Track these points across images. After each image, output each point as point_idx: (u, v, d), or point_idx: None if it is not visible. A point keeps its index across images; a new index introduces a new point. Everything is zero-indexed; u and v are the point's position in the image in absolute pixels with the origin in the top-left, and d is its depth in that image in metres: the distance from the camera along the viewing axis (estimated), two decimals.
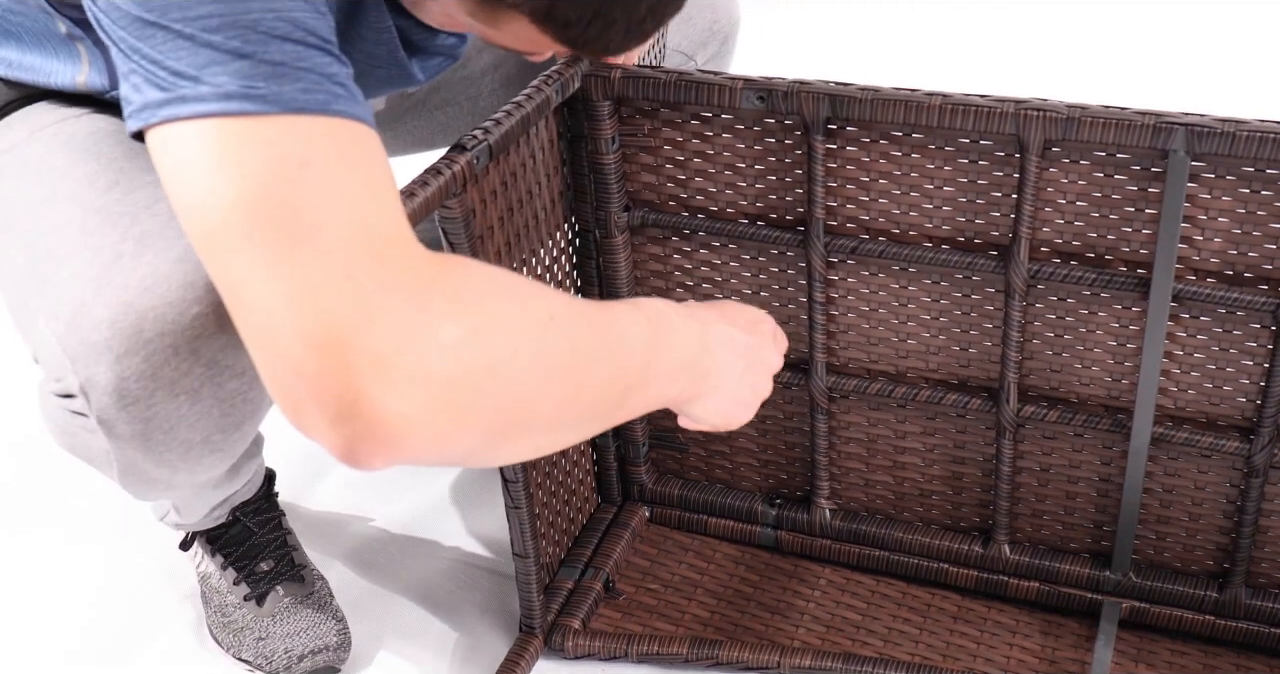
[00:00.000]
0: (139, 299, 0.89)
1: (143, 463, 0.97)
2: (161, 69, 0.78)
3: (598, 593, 1.26)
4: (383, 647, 1.26)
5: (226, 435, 0.97)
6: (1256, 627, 1.19)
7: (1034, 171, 1.05)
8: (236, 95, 0.75)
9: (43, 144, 1.01)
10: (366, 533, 1.40)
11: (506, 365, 0.75)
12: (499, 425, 0.76)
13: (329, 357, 0.70)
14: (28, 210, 0.98)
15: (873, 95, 1.06)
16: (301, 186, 0.72)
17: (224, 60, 0.76)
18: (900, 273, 1.15)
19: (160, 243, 0.91)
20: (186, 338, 0.90)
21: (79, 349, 0.90)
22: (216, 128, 0.75)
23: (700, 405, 0.95)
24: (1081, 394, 1.16)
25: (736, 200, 1.17)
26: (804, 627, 1.24)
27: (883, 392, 1.21)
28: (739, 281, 1.21)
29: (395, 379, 0.70)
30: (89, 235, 0.93)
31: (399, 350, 0.71)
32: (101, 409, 0.92)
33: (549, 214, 1.16)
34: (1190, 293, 1.07)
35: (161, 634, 1.28)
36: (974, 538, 1.26)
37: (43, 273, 0.94)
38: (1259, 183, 1.02)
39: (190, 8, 0.77)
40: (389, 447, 0.72)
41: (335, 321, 0.70)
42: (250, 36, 0.76)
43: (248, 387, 0.95)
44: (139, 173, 0.97)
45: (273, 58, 0.76)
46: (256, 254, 0.72)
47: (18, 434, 1.54)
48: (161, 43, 0.78)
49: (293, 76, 0.76)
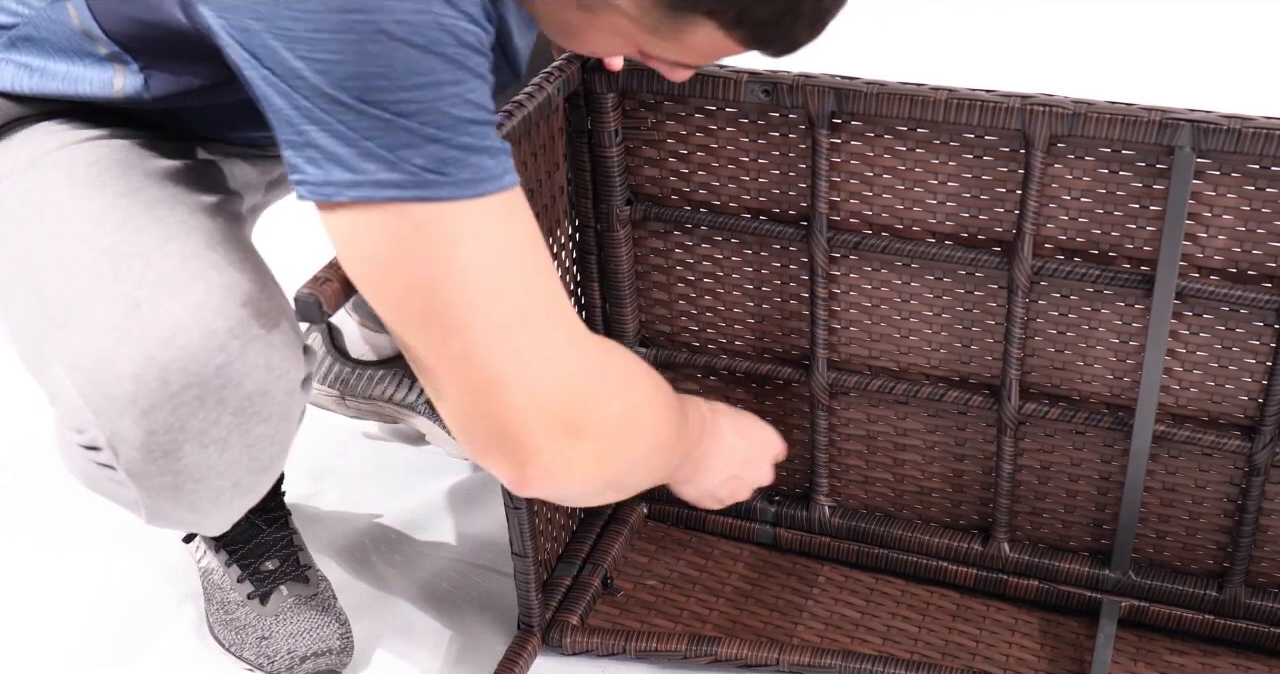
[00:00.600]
0: (161, 351, 0.88)
1: (174, 511, 0.96)
2: (348, 146, 0.80)
3: (596, 589, 1.26)
4: (381, 645, 1.26)
5: (256, 478, 0.97)
6: (1256, 626, 1.18)
7: (1039, 167, 1.05)
8: (431, 182, 0.81)
9: (43, 173, 0.99)
10: (365, 532, 1.39)
11: (642, 435, 0.96)
12: (618, 477, 0.96)
13: (534, 415, 0.87)
14: (32, 248, 0.96)
15: (878, 89, 1.05)
16: (515, 280, 0.85)
17: (419, 144, 0.80)
18: (903, 268, 1.15)
19: (176, 288, 0.90)
20: (213, 388, 0.90)
21: (102, 403, 0.89)
22: (421, 213, 0.82)
23: (680, 486, 1.12)
24: (1083, 392, 1.16)
25: (739, 194, 1.16)
26: (803, 624, 1.24)
27: (884, 388, 1.20)
28: (741, 276, 1.21)
29: (577, 438, 0.89)
30: (101, 280, 0.91)
31: (581, 416, 0.89)
32: (130, 463, 0.91)
33: (551, 209, 1.15)
34: (1194, 290, 1.06)
35: (161, 634, 1.28)
36: (974, 536, 1.26)
37: (56, 318, 0.92)
38: (1264, 180, 1.01)
39: (390, 92, 0.79)
40: (554, 484, 0.91)
41: (549, 392, 0.87)
42: (444, 121, 0.81)
43: (274, 429, 0.94)
44: (145, 209, 0.95)
45: (461, 142, 0.81)
46: (481, 335, 0.85)
47: (17, 435, 1.53)
48: (354, 121, 0.80)
49: (476, 157, 0.82)
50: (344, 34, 0.78)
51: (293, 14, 0.79)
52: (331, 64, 0.79)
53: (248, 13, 0.80)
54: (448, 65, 0.80)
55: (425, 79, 0.80)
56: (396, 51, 0.79)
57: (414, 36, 0.79)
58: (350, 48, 0.78)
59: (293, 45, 0.79)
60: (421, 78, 0.80)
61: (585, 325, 0.92)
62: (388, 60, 0.79)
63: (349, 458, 1.48)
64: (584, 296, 1.25)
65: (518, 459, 0.89)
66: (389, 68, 0.79)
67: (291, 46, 0.79)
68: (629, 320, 1.25)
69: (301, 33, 0.79)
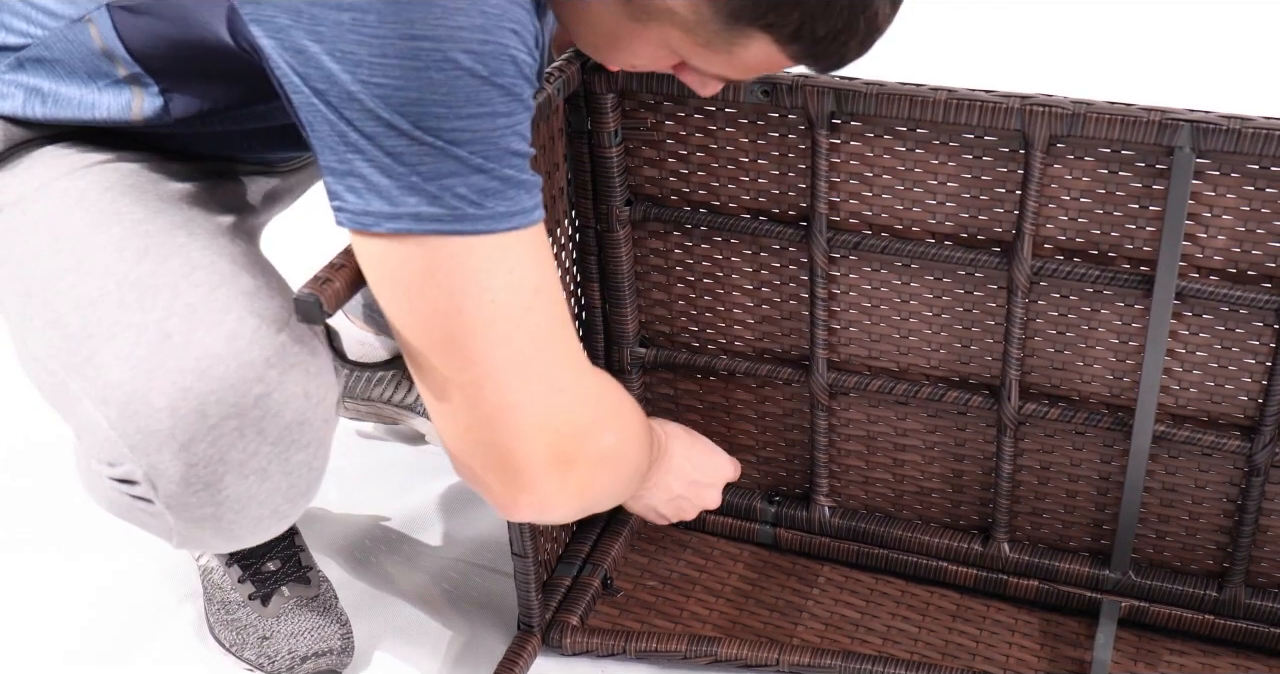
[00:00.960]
0: (198, 383, 0.88)
1: (210, 539, 0.96)
2: (391, 178, 0.81)
3: (596, 590, 1.26)
4: (382, 646, 1.26)
5: (294, 504, 0.96)
6: (1256, 626, 1.18)
7: (1038, 168, 1.05)
8: (469, 216, 0.82)
9: (54, 200, 0.98)
10: (365, 532, 1.39)
11: (623, 466, 0.99)
12: (598, 501, 0.99)
13: (537, 446, 0.89)
14: (51, 279, 0.95)
15: (877, 90, 1.05)
16: (534, 313, 0.87)
17: (465, 173, 0.81)
18: (903, 269, 1.15)
19: (208, 318, 0.89)
20: (252, 419, 0.89)
21: (137, 437, 0.89)
22: (455, 245, 0.83)
23: (627, 501, 1.15)
24: (1083, 392, 1.15)
25: (739, 195, 1.16)
26: (803, 624, 1.24)
27: (883, 388, 1.20)
28: (740, 277, 1.21)
29: (570, 468, 0.91)
30: (128, 311, 0.90)
31: (577, 448, 0.92)
32: (170, 496, 0.91)
33: (551, 210, 1.15)
34: (1193, 290, 1.06)
35: (161, 634, 1.28)
36: (973, 536, 1.26)
37: (81, 351, 0.91)
38: (1264, 180, 1.01)
39: (446, 119, 0.79)
40: (543, 510, 0.93)
41: (553, 424, 0.89)
42: (492, 151, 0.81)
43: (313, 455, 0.94)
44: (166, 236, 0.95)
45: (504, 174, 0.82)
46: (498, 366, 0.86)
47: (18, 436, 1.53)
48: (404, 147, 0.80)
49: (514, 191, 0.83)
50: (410, 60, 0.78)
51: (359, 38, 0.78)
52: (393, 89, 0.79)
53: (307, 34, 0.79)
54: (505, 97, 0.81)
55: (482, 109, 0.80)
56: (459, 81, 0.79)
57: (479, 67, 0.79)
58: (414, 74, 0.78)
59: (354, 69, 0.79)
60: (479, 108, 0.80)
61: (585, 355, 0.95)
62: (449, 89, 0.79)
63: (349, 458, 1.48)
64: (584, 297, 1.25)
65: (514, 486, 0.91)
66: (449, 96, 0.79)
67: (352, 70, 0.79)
68: (629, 320, 1.25)
69: (365, 56, 0.78)
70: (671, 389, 1.30)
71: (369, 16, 0.78)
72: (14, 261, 0.98)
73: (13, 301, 0.98)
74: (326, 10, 0.78)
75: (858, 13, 0.82)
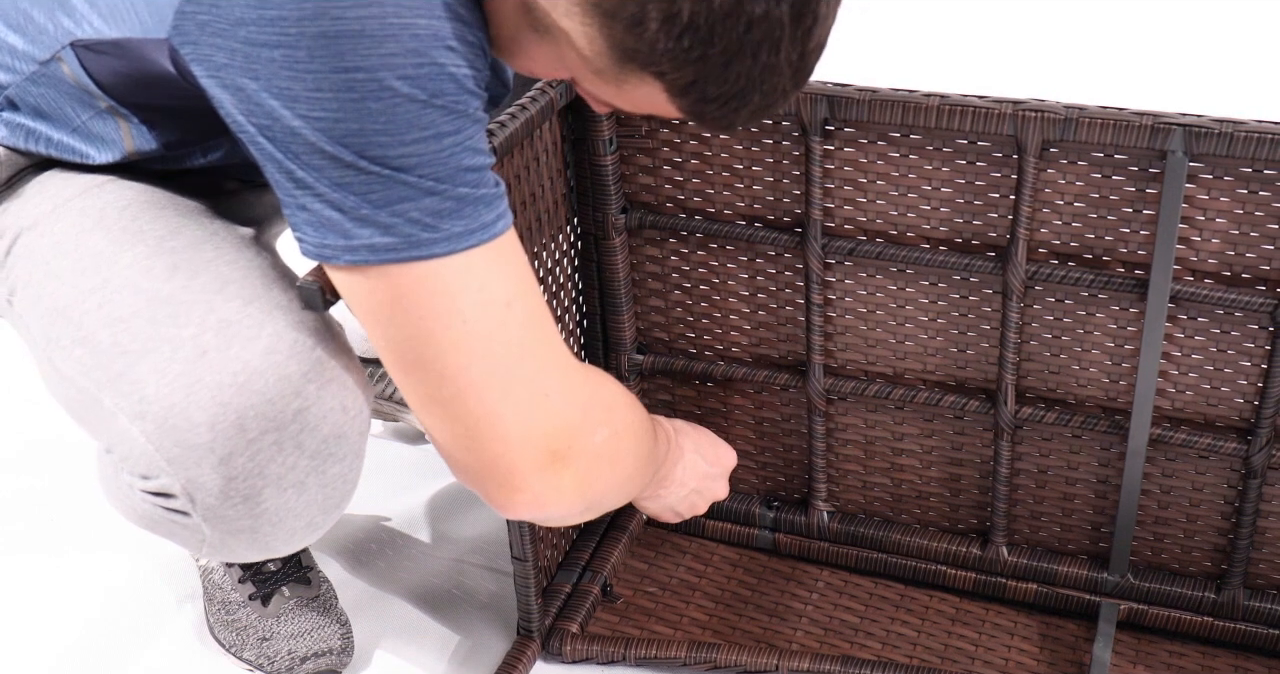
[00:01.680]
0: (236, 398, 0.88)
1: (244, 551, 0.97)
2: (341, 212, 0.81)
3: (595, 596, 1.26)
4: (381, 646, 1.26)
5: (328, 516, 0.97)
6: (1255, 628, 1.18)
7: (1032, 172, 1.05)
8: (424, 241, 0.82)
9: (71, 220, 0.98)
10: (366, 533, 1.40)
11: (621, 460, 0.98)
12: (599, 499, 0.98)
13: (524, 448, 0.89)
14: (77, 299, 0.95)
15: (870, 96, 1.06)
16: (510, 326, 0.87)
17: (416, 197, 0.81)
18: (898, 274, 1.15)
19: (243, 332, 0.90)
20: (291, 433, 0.90)
21: (176, 451, 0.89)
22: (416, 271, 0.83)
23: (643, 502, 1.15)
24: (1079, 395, 1.16)
25: (734, 202, 1.17)
26: (802, 629, 1.24)
27: (880, 393, 1.21)
28: (736, 283, 1.21)
29: (563, 466, 0.91)
30: (161, 327, 0.91)
31: (568, 446, 0.91)
32: (208, 509, 0.91)
33: (552, 216, 1.15)
34: (1188, 294, 1.07)
35: (161, 634, 1.28)
36: (972, 540, 1.26)
37: (113, 367, 0.91)
38: (1257, 183, 1.02)
39: (390, 147, 0.79)
40: (540, 509, 0.93)
41: (539, 427, 0.89)
42: (442, 172, 0.81)
43: (348, 468, 0.95)
44: (193, 252, 0.95)
45: (457, 192, 0.82)
46: (473, 381, 0.87)
47: (18, 437, 1.53)
48: (351, 177, 0.80)
49: (470, 208, 0.83)
50: (345, 92, 0.78)
51: (293, 74, 0.78)
52: (332, 122, 0.79)
53: (243, 72, 0.79)
54: (448, 116, 0.80)
55: (426, 132, 0.80)
56: (398, 107, 0.79)
57: (417, 92, 0.79)
58: (351, 106, 0.78)
59: (292, 104, 0.79)
60: (423, 131, 0.80)
61: (571, 353, 0.94)
62: (389, 116, 0.79)
63: None
64: (585, 305, 1.25)
65: (507, 487, 0.91)
66: (390, 123, 0.79)
67: (291, 106, 0.79)
68: (626, 327, 1.25)
69: (301, 92, 0.78)
70: (669, 395, 1.30)
71: (299, 52, 0.78)
72: (36, 284, 0.98)
73: (37, 323, 0.98)
74: (259, 48, 0.78)
75: (755, 85, 0.80)
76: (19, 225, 1.00)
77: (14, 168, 1.02)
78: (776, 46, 0.78)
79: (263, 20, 0.78)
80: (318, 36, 0.77)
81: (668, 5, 0.75)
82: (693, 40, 0.76)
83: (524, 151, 1.08)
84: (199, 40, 0.80)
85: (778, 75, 0.80)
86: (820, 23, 0.79)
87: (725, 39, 0.76)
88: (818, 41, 0.80)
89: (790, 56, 0.79)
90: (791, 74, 0.81)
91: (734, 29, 0.76)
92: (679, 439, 1.14)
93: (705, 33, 0.76)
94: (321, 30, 0.77)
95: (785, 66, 0.80)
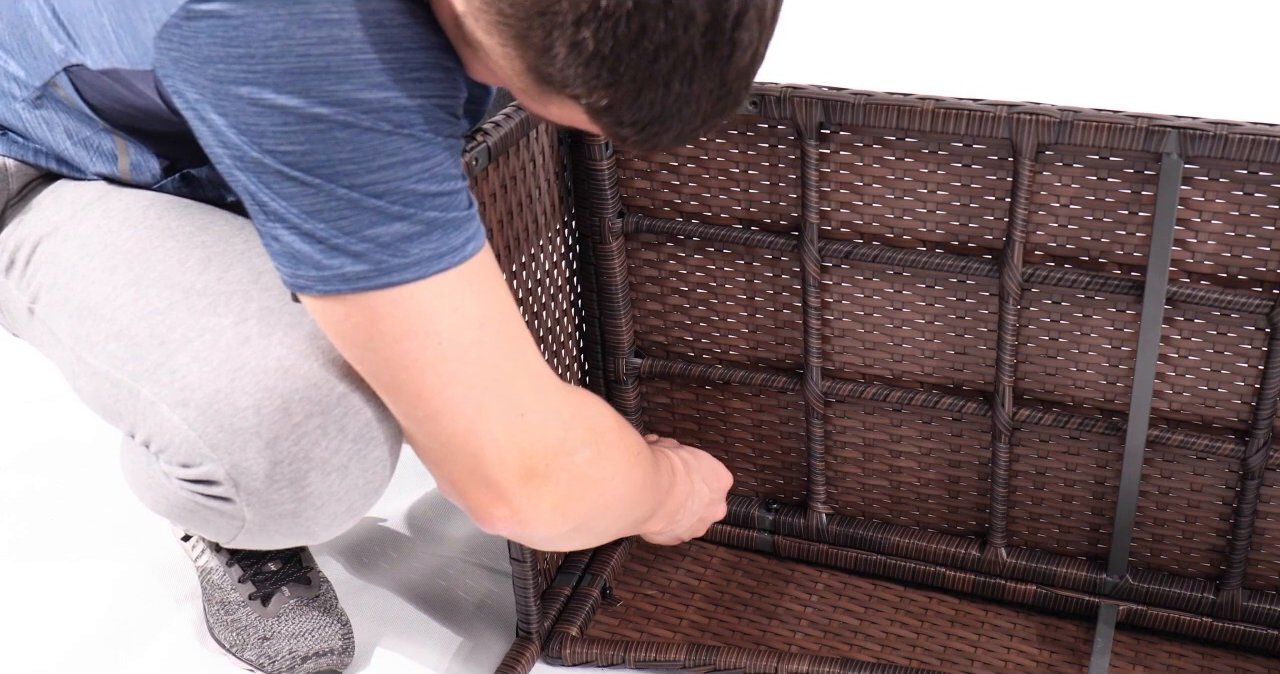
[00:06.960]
0: (281, 383, 0.89)
1: (282, 536, 0.97)
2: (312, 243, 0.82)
3: (595, 600, 1.26)
4: (382, 645, 1.26)
5: (367, 500, 0.98)
6: (1253, 628, 1.19)
7: (1027, 175, 1.05)
8: (395, 267, 0.83)
9: (96, 222, 0.99)
10: (366, 533, 1.40)
11: (608, 481, 0.99)
12: (585, 521, 0.98)
13: (500, 466, 0.91)
14: (109, 296, 0.96)
15: (866, 100, 1.06)
16: (484, 345, 0.88)
17: (385, 222, 0.82)
18: (894, 277, 1.15)
19: (285, 319, 0.91)
20: (335, 416, 0.91)
21: (221, 436, 0.90)
22: (388, 296, 0.84)
23: (652, 536, 1.21)
24: (1077, 397, 1.16)
25: (730, 205, 1.17)
26: (801, 631, 1.24)
27: (878, 396, 1.21)
28: (733, 287, 1.21)
29: (542, 483, 0.93)
30: (200, 316, 0.92)
31: (547, 464, 0.92)
32: (253, 494, 0.92)
33: (549, 219, 1.16)
34: (1184, 295, 1.07)
35: (161, 634, 1.28)
36: (970, 541, 1.26)
37: (152, 357, 0.92)
38: (1252, 185, 1.02)
39: (357, 175, 0.80)
40: (519, 525, 0.94)
41: (515, 444, 0.91)
42: (410, 198, 0.82)
43: (387, 453, 0.96)
44: (225, 245, 0.96)
45: (426, 217, 0.83)
46: (449, 401, 0.88)
47: (18, 437, 1.53)
48: (321, 203, 0.81)
49: (439, 233, 0.83)
50: (311, 126, 0.79)
51: (259, 110, 0.79)
52: (300, 155, 0.80)
53: (213, 108, 0.81)
54: (415, 144, 0.81)
55: (393, 159, 0.81)
56: (364, 137, 0.80)
57: (383, 124, 0.80)
58: (318, 139, 0.79)
59: (259, 139, 0.80)
60: (390, 158, 0.81)
61: (555, 375, 0.95)
62: (355, 147, 0.80)
63: None
64: (583, 308, 1.26)
65: (485, 503, 0.93)
66: (356, 153, 0.80)
67: (258, 141, 0.80)
68: (623, 331, 1.26)
69: (268, 128, 0.80)
70: (668, 399, 1.30)
71: (265, 90, 0.79)
72: (62, 286, 0.99)
73: (64, 324, 0.99)
74: (226, 85, 0.79)
75: (672, 113, 0.78)
76: (38, 234, 1.02)
77: (24, 179, 1.03)
78: (690, 76, 0.76)
79: (230, 58, 0.79)
80: (284, 73, 0.78)
81: (573, 32, 0.73)
82: (600, 68, 0.75)
83: (520, 153, 1.08)
84: (173, 74, 0.82)
85: (695, 103, 0.78)
86: (741, 50, 0.76)
87: (633, 68, 0.75)
88: (739, 69, 0.77)
89: (707, 86, 0.77)
90: (712, 102, 0.78)
91: (641, 59, 0.74)
92: (688, 473, 1.17)
93: (613, 61, 0.74)
94: (287, 67, 0.78)
95: (703, 95, 0.77)
